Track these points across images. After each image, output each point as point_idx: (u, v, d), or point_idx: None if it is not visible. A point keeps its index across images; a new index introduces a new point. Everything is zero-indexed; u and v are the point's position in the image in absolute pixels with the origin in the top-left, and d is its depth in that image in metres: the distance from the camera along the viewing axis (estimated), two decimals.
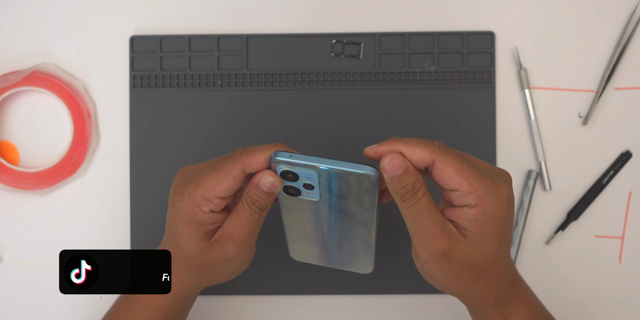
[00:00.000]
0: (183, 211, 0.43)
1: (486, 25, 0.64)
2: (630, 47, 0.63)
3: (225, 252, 0.45)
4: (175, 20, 0.64)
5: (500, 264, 0.44)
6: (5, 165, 0.62)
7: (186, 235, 0.44)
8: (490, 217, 0.41)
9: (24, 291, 0.63)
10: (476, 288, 0.44)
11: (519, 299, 0.46)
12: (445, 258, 0.42)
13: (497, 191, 0.40)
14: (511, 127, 0.63)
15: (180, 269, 0.47)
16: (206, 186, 0.42)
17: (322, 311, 0.62)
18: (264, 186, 0.42)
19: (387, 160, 0.40)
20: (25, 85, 0.63)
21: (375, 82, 0.63)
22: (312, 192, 0.42)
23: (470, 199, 0.40)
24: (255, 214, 0.43)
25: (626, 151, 0.63)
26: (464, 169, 0.40)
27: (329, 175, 0.40)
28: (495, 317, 0.46)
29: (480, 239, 0.41)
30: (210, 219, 0.44)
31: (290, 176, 0.41)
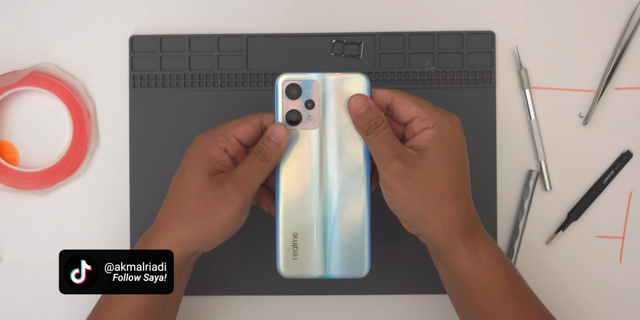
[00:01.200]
0: (201, 143, 0.48)
1: (486, 25, 0.64)
2: (631, 47, 0.63)
3: (222, 188, 0.47)
4: (175, 20, 0.64)
5: (461, 187, 0.47)
6: (5, 165, 0.62)
7: (193, 166, 0.48)
8: (445, 134, 0.47)
9: (24, 291, 0.63)
10: (441, 210, 0.46)
11: (484, 235, 0.49)
12: (405, 176, 0.46)
13: (451, 118, 0.48)
14: (511, 127, 0.63)
15: (172, 215, 0.48)
16: (225, 126, 0.49)
17: (322, 311, 0.62)
18: (273, 136, 0.47)
19: (352, 100, 0.47)
20: (25, 85, 0.63)
21: (375, 82, 0.63)
22: (312, 115, 0.48)
23: (428, 121, 0.47)
24: (258, 161, 0.47)
25: (626, 151, 0.63)
26: (420, 101, 0.48)
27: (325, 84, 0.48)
28: (464, 251, 0.47)
29: (439, 154, 0.46)
30: (221, 157, 0.48)
31: (294, 92, 0.48)
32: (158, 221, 0.50)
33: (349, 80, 0.48)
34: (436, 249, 0.49)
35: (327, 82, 0.48)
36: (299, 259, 0.49)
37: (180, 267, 0.50)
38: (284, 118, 0.48)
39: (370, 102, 0.47)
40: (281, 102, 0.48)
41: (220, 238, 0.49)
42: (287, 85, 0.48)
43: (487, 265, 0.47)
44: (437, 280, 0.61)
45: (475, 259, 0.47)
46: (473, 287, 0.48)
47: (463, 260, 0.47)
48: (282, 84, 0.48)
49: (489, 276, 0.47)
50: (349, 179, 0.48)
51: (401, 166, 0.46)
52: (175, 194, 0.49)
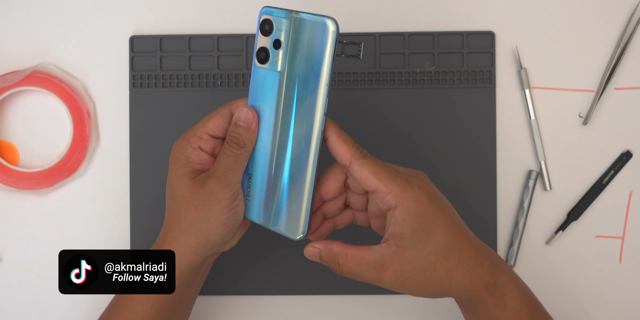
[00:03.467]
0: (176, 149, 0.48)
1: (486, 25, 0.64)
2: (631, 47, 0.63)
3: (206, 187, 0.46)
4: (175, 20, 0.64)
5: (460, 248, 0.45)
6: (5, 165, 0.62)
7: (174, 173, 0.47)
8: (412, 213, 0.44)
9: (24, 291, 0.63)
10: (455, 281, 0.45)
11: (507, 278, 0.47)
12: (402, 279, 0.44)
13: (412, 188, 0.44)
14: (511, 127, 0.63)
15: (173, 224, 0.48)
16: (197, 125, 0.48)
17: (322, 311, 0.62)
18: (240, 120, 0.46)
19: (306, 253, 0.46)
20: (25, 85, 0.63)
21: (375, 82, 0.63)
22: (278, 56, 0.45)
23: (390, 199, 0.44)
24: (233, 149, 0.46)
25: (626, 151, 0.63)
26: (379, 172, 0.44)
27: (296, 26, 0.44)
28: (491, 300, 0.46)
29: (417, 237, 0.44)
30: (198, 157, 0.47)
31: (267, 28, 0.45)
32: (163, 231, 0.49)
33: (317, 26, 0.43)
34: (462, 303, 0.49)
35: (297, 22, 0.44)
36: (250, 201, 0.48)
37: (193, 271, 0.49)
38: (255, 54, 0.46)
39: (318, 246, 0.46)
40: (257, 38, 0.46)
41: (225, 235, 0.48)
42: (262, 19, 0.45)
43: (512, 309, 0.46)
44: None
45: (501, 306, 0.46)
46: None
47: (490, 309, 0.46)
48: (261, 18, 0.45)
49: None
50: (302, 133, 0.45)
51: (392, 275, 0.44)
52: (169, 203, 0.48)
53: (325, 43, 0.44)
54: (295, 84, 0.45)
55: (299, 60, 0.45)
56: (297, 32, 0.44)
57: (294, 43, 0.45)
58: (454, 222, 0.46)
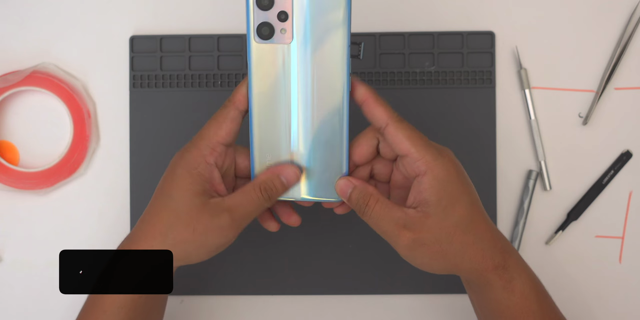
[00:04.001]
0: (188, 161, 0.45)
1: (486, 25, 0.64)
2: (631, 47, 0.63)
3: (217, 220, 0.44)
4: (175, 20, 0.64)
5: (478, 225, 0.45)
6: (5, 165, 0.62)
7: (184, 186, 0.45)
8: (441, 180, 0.44)
9: (24, 291, 0.63)
10: (467, 257, 0.45)
11: (517, 262, 0.47)
12: (418, 244, 0.44)
13: (443, 157, 0.44)
14: (511, 127, 0.63)
15: (156, 233, 0.45)
16: (208, 135, 0.45)
17: (322, 311, 0.62)
18: (284, 177, 0.45)
19: (337, 186, 0.46)
20: (25, 85, 0.63)
21: (375, 82, 0.63)
22: (286, 28, 0.43)
23: (420, 165, 0.44)
24: (262, 199, 0.45)
25: (626, 151, 0.63)
26: (413, 137, 0.44)
27: None
28: (499, 283, 0.46)
29: (442, 206, 0.44)
30: (210, 174, 0.45)
31: (266, 2, 0.43)
32: (139, 235, 0.47)
33: None
34: (470, 282, 0.49)
35: None
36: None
37: None
38: (255, 32, 0.43)
39: (353, 182, 0.45)
40: (252, 14, 0.43)
41: (204, 258, 0.47)
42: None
43: (520, 294, 0.46)
44: (438, 280, 0.61)
45: (509, 290, 0.46)
46: (504, 315, 0.47)
47: (497, 291, 0.46)
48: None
49: (522, 305, 0.46)
50: (327, 95, 0.44)
51: (410, 237, 0.44)
52: (161, 213, 0.46)
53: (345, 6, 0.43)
54: (311, 52, 0.44)
55: (313, 27, 0.43)
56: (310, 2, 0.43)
57: (305, 10, 0.43)
58: (476, 200, 0.46)
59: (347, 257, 0.62)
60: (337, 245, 0.62)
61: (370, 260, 0.62)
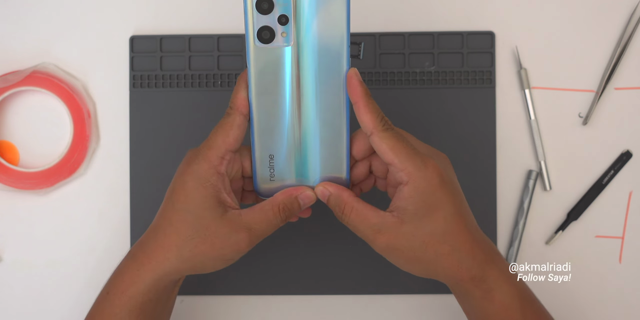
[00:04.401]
0: (199, 174, 0.45)
1: (486, 25, 0.64)
2: (630, 47, 0.63)
3: (235, 236, 0.45)
4: (175, 20, 0.64)
5: (456, 236, 0.45)
6: (5, 165, 0.62)
7: (199, 200, 0.45)
8: (421, 192, 0.44)
9: (24, 291, 0.63)
10: (441, 266, 0.46)
11: (499, 274, 0.46)
12: (392, 248, 0.45)
13: (426, 168, 0.44)
14: (511, 127, 0.63)
15: (172, 245, 0.46)
16: (217, 144, 0.45)
17: (322, 311, 0.62)
18: (302, 200, 0.47)
19: (317, 191, 0.47)
20: (25, 85, 0.63)
21: (375, 82, 0.63)
22: (286, 31, 0.43)
23: (402, 175, 0.44)
24: (279, 219, 0.46)
25: (626, 151, 0.63)
26: (397, 147, 0.44)
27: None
28: (477, 293, 0.46)
29: (418, 216, 0.44)
30: (223, 183, 0.45)
31: (265, 6, 0.43)
32: (154, 246, 0.47)
33: None
34: (452, 288, 0.49)
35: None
36: (276, 181, 0.47)
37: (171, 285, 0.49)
38: (255, 36, 0.44)
39: (329, 189, 0.46)
40: (251, 18, 0.43)
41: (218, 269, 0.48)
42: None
43: (500, 304, 0.46)
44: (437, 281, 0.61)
45: (489, 300, 0.46)
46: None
47: (477, 301, 0.47)
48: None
49: (503, 315, 0.46)
50: (328, 96, 0.45)
51: (384, 242, 0.45)
52: (178, 225, 0.46)
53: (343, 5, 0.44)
54: (312, 53, 0.44)
55: (314, 29, 0.44)
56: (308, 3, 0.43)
57: (306, 13, 0.43)
58: (459, 210, 0.46)
59: (347, 257, 0.62)
60: (337, 245, 0.62)
61: (370, 260, 0.62)
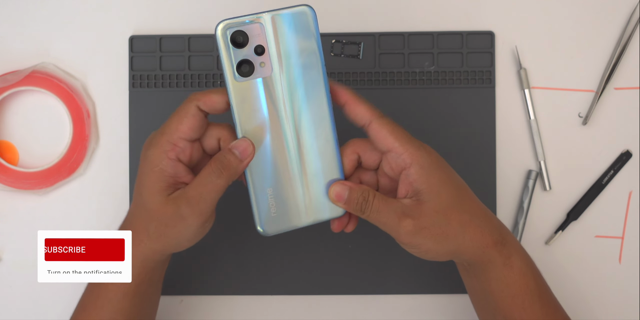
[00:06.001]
0: (151, 159, 0.45)
1: (486, 25, 0.64)
2: (630, 47, 0.63)
3: (177, 209, 0.45)
4: (175, 20, 0.64)
5: (470, 204, 0.47)
6: (5, 165, 0.62)
7: (149, 184, 0.45)
8: (427, 168, 0.45)
9: (24, 291, 0.63)
10: (468, 236, 0.46)
11: (513, 239, 0.49)
12: (420, 228, 0.45)
13: (425, 148, 0.46)
14: (511, 127, 0.63)
15: (141, 227, 0.47)
16: (169, 130, 0.45)
17: (321, 311, 0.62)
18: (236, 149, 0.45)
19: (331, 191, 0.46)
20: (25, 85, 0.63)
21: (375, 82, 0.63)
22: (264, 61, 0.44)
23: (405, 158, 0.45)
24: (215, 177, 0.44)
25: (626, 151, 0.63)
26: (396, 131, 0.46)
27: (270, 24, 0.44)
28: (499, 259, 0.47)
29: (434, 191, 0.45)
30: (174, 169, 0.45)
31: (240, 39, 0.44)
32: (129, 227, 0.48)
33: (294, 16, 0.44)
34: (471, 264, 0.49)
35: (271, 21, 0.44)
36: (278, 214, 0.47)
37: (159, 265, 0.50)
38: (234, 70, 0.44)
39: (348, 184, 0.46)
40: (226, 54, 0.44)
41: (192, 244, 0.48)
42: (230, 33, 0.44)
43: (519, 271, 0.48)
44: (437, 280, 0.61)
45: (509, 266, 0.48)
46: (504, 295, 0.48)
47: (498, 269, 0.48)
48: (225, 33, 0.44)
49: (520, 283, 0.48)
50: (314, 119, 0.46)
51: (411, 223, 0.45)
52: (138, 209, 0.47)
53: (313, 26, 0.45)
54: (292, 78, 0.45)
55: (289, 55, 0.45)
56: (279, 29, 0.44)
57: (279, 41, 0.44)
58: (462, 183, 0.48)
59: (346, 257, 0.62)
60: (337, 245, 0.62)
61: (369, 260, 0.62)
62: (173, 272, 0.62)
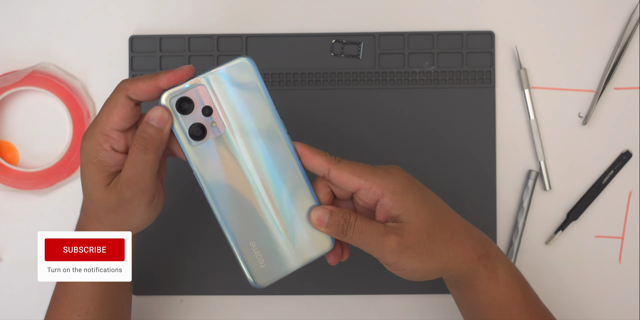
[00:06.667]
0: (87, 150, 0.45)
1: (486, 25, 0.64)
2: (630, 47, 0.63)
3: (120, 195, 0.45)
4: (175, 20, 0.64)
5: (451, 221, 0.47)
6: (5, 165, 0.62)
7: (89, 176, 0.46)
8: (400, 193, 0.45)
9: (24, 291, 0.63)
10: (452, 253, 0.46)
11: (497, 252, 0.49)
12: (404, 247, 0.45)
13: (391, 174, 0.46)
14: (511, 127, 0.63)
15: (92, 217, 0.47)
16: (101, 121, 0.45)
17: (322, 311, 0.62)
18: (152, 120, 0.44)
19: (312, 215, 0.46)
20: (25, 85, 0.63)
21: (375, 82, 0.63)
22: (215, 120, 0.45)
23: (375, 190, 0.45)
24: (141, 153, 0.44)
25: (626, 151, 0.63)
26: (357, 170, 0.45)
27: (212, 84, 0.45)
28: (484, 273, 0.48)
29: (411, 213, 0.45)
30: (113, 159, 0.45)
31: (187, 105, 0.44)
32: (84, 220, 0.49)
33: (234, 69, 0.45)
34: (457, 280, 0.49)
35: (213, 81, 0.45)
36: (267, 264, 0.47)
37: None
38: (187, 136, 0.45)
39: (328, 208, 0.46)
40: (176, 123, 0.45)
41: (149, 222, 0.48)
42: (175, 101, 0.44)
43: (505, 283, 0.48)
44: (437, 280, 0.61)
45: (494, 280, 0.48)
46: (491, 307, 0.48)
47: (484, 282, 0.48)
48: (169, 102, 0.44)
49: (507, 295, 0.48)
50: (278, 164, 0.46)
51: (395, 240, 0.45)
52: (86, 202, 0.48)
53: (255, 76, 0.45)
54: (246, 131, 0.45)
55: (237, 109, 0.45)
56: (222, 86, 0.45)
57: (224, 97, 0.45)
58: (439, 201, 0.48)
59: None
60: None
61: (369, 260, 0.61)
62: (173, 272, 0.62)
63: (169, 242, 0.62)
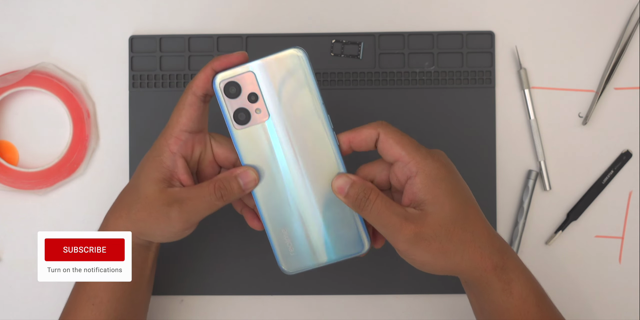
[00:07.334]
0: (155, 146, 0.48)
1: (486, 25, 0.64)
2: (630, 47, 0.63)
3: (167, 209, 0.46)
4: (175, 20, 0.64)
5: (475, 223, 0.46)
6: (5, 165, 0.62)
7: (147, 170, 0.47)
8: (433, 178, 0.45)
9: (24, 291, 0.63)
10: (467, 256, 0.45)
11: (515, 264, 0.47)
12: (419, 239, 0.44)
13: (432, 156, 0.45)
14: (511, 127, 0.63)
15: (126, 204, 0.48)
16: (172, 123, 0.47)
17: (321, 311, 0.62)
18: (242, 179, 0.46)
19: (334, 183, 0.46)
20: (25, 85, 0.63)
21: (375, 82, 0.63)
22: (259, 107, 0.46)
23: (411, 166, 0.45)
24: (213, 197, 0.46)
25: (626, 151, 0.63)
26: (403, 140, 0.45)
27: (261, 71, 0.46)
28: (498, 284, 0.46)
29: (438, 203, 0.44)
30: (172, 163, 0.47)
31: (234, 90, 0.46)
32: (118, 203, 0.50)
33: (285, 59, 0.45)
34: (468, 284, 0.49)
35: (262, 68, 0.46)
36: (296, 253, 0.48)
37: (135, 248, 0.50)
38: (232, 119, 0.46)
39: (351, 178, 0.46)
40: (225, 105, 0.46)
41: (163, 241, 0.50)
42: (223, 85, 0.46)
43: (519, 297, 0.47)
44: (437, 280, 0.61)
45: (508, 292, 0.46)
46: (504, 318, 0.47)
47: (496, 293, 0.47)
48: (219, 85, 0.46)
49: (520, 308, 0.47)
50: (319, 158, 0.46)
51: (412, 230, 0.44)
52: (131, 188, 0.49)
53: (305, 66, 0.46)
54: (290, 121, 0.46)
55: (284, 98, 0.46)
56: (270, 75, 0.46)
57: (271, 86, 0.46)
58: (470, 198, 0.47)
59: None
60: None
61: (370, 260, 0.61)
62: (173, 272, 0.62)
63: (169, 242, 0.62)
